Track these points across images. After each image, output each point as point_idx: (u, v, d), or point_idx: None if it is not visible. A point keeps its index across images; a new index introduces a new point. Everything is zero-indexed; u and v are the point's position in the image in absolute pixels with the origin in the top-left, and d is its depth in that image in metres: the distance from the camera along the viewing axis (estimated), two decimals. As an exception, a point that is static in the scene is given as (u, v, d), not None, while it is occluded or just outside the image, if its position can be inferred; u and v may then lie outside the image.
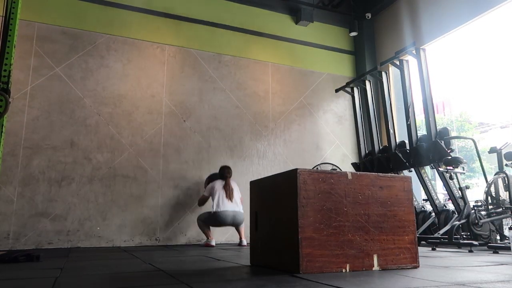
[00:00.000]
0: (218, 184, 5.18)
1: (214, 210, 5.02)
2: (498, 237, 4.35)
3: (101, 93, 5.41)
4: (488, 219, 4.27)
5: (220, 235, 5.60)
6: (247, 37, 6.57)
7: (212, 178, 5.39)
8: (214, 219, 5.02)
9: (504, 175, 4.43)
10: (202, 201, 5.33)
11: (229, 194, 5.10)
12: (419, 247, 3.17)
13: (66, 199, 4.96)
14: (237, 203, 5.16)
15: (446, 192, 5.20)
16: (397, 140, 5.63)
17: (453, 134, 5.10)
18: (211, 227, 5.14)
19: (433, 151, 4.83)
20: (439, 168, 4.72)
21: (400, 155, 5.31)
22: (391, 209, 2.41)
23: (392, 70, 6.86)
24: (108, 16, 5.66)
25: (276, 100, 6.58)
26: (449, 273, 2.14)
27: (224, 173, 5.27)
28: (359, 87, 6.40)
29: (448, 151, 4.70)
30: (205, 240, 5.09)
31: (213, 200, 5.11)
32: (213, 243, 5.01)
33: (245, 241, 5.10)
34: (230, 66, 6.34)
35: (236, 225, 5.15)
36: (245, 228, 5.75)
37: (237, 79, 6.35)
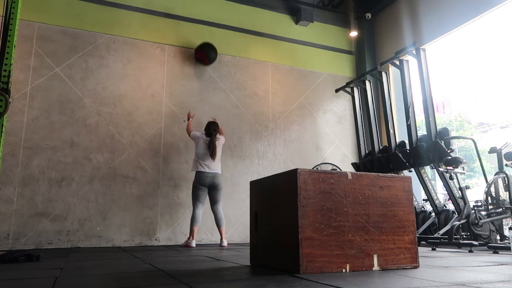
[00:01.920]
0: (202, 142, 5.05)
1: (197, 169, 4.97)
2: (498, 237, 4.35)
3: (101, 93, 5.41)
4: (488, 219, 4.27)
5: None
6: (247, 37, 6.56)
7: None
8: (198, 179, 4.95)
9: (504, 175, 4.43)
10: (187, 129, 5.30)
11: (212, 154, 4.97)
12: (419, 247, 3.17)
13: (66, 199, 4.96)
14: (217, 165, 5.03)
15: (446, 192, 5.20)
16: (397, 140, 5.63)
17: (453, 134, 5.10)
18: (196, 227, 4.90)
19: (433, 151, 4.83)
20: (439, 168, 4.72)
21: (400, 155, 5.31)
22: (391, 209, 2.41)
23: (392, 70, 6.86)
24: (108, 16, 5.66)
25: (276, 100, 6.58)
26: (449, 273, 2.14)
27: (210, 130, 5.10)
28: (359, 87, 6.40)
29: (448, 151, 4.70)
30: (185, 241, 4.88)
31: (195, 153, 5.07)
32: (194, 244, 4.79)
33: (225, 241, 4.93)
34: (230, 66, 6.34)
35: (215, 186, 5.00)
36: (244, 228, 5.76)
37: (237, 79, 6.35)
